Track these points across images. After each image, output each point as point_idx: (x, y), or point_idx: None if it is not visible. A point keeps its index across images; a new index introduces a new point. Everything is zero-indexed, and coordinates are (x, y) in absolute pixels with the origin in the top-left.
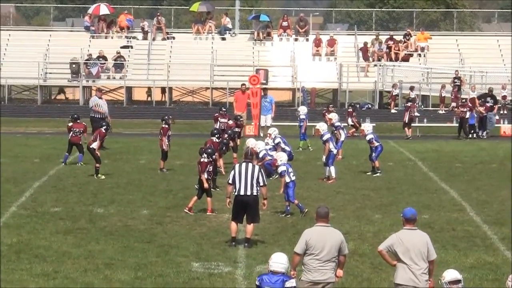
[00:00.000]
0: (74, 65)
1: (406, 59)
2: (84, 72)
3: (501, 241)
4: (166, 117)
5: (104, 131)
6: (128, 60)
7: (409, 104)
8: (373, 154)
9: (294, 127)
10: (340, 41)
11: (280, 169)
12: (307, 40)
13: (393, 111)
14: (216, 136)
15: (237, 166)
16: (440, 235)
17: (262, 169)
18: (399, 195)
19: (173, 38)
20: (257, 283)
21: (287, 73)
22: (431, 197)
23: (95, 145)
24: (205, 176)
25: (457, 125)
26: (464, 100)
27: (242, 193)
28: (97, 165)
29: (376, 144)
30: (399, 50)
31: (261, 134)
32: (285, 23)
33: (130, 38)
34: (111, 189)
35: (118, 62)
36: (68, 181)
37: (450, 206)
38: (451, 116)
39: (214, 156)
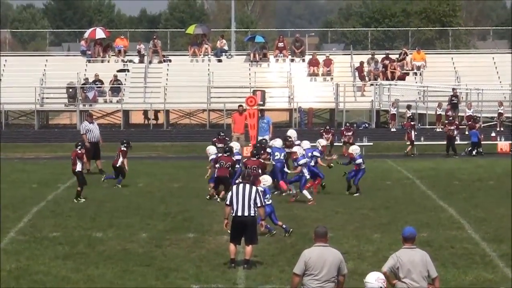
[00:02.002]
0: (70, 90)
1: (402, 78)
2: (80, 96)
3: (500, 258)
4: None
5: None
6: (124, 84)
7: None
8: (357, 177)
9: None
10: (336, 61)
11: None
12: (303, 60)
13: (393, 129)
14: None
15: (234, 187)
16: (439, 253)
17: (259, 191)
18: (397, 214)
19: (170, 60)
20: None
21: (284, 94)
22: (430, 215)
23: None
24: None
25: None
26: (451, 118)
27: (239, 214)
28: (79, 188)
29: (363, 167)
30: (395, 69)
31: None
32: (281, 44)
33: (126, 62)
34: (110, 213)
35: (115, 85)
36: (66, 206)
37: (448, 224)
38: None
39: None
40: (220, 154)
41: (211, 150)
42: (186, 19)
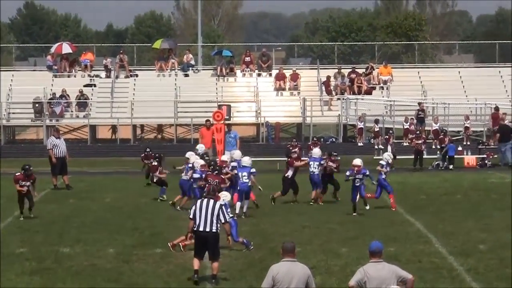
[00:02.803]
0: (37, 105)
1: (369, 92)
2: (47, 111)
3: (467, 272)
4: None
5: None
6: (91, 99)
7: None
8: (362, 188)
9: (260, 162)
10: (303, 75)
11: None
12: (270, 75)
13: (360, 144)
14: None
15: (198, 201)
16: (407, 267)
17: (223, 207)
18: (365, 228)
19: (136, 75)
20: None
21: (251, 108)
22: (397, 230)
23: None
24: None
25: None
26: (418, 132)
27: (201, 229)
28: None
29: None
30: (361, 83)
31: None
32: (247, 58)
33: (93, 77)
34: (77, 228)
35: (82, 100)
36: (33, 222)
37: (416, 238)
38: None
39: None
40: (208, 172)
41: (193, 158)
42: (152, 33)
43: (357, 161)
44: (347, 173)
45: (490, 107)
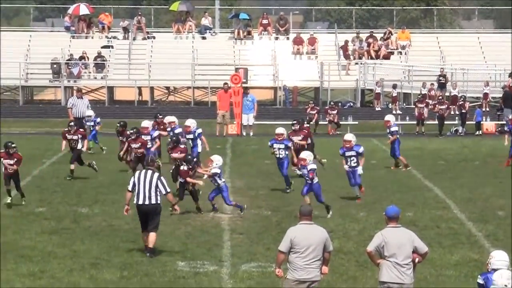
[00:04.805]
0: (55, 66)
1: (387, 57)
2: (65, 73)
3: (486, 238)
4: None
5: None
6: (109, 60)
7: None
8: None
9: (277, 125)
10: (321, 39)
11: (213, 171)
12: (287, 38)
13: (377, 109)
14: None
15: (137, 173)
16: (425, 232)
17: (161, 177)
18: (383, 193)
19: (154, 37)
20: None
21: (268, 72)
22: (415, 195)
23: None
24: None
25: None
26: (440, 98)
27: (140, 202)
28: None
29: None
30: (379, 48)
31: (244, 133)
32: (265, 21)
33: (110, 38)
34: (95, 189)
35: (99, 62)
36: (51, 181)
37: (434, 203)
38: (432, 114)
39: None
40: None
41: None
42: None
43: (348, 136)
44: (340, 152)
45: (510, 73)
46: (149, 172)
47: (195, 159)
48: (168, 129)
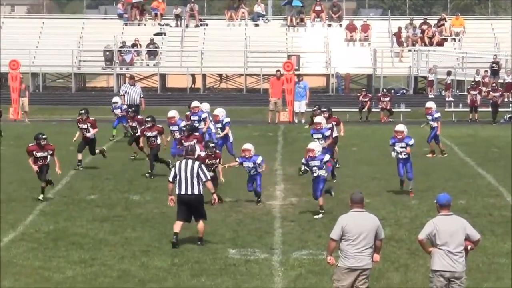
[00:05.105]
0: (107, 53)
1: (440, 44)
2: (117, 60)
3: None
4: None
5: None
6: (161, 47)
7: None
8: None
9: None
10: (374, 26)
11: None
12: (340, 25)
13: (430, 96)
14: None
15: (177, 163)
16: (477, 220)
17: (202, 165)
18: (435, 180)
19: (206, 25)
20: None
21: (321, 59)
22: (468, 183)
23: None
24: None
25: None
26: (494, 85)
27: (183, 192)
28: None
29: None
30: (433, 35)
31: (296, 120)
32: (318, 8)
33: (163, 25)
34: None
35: (152, 49)
36: (103, 169)
37: (487, 191)
38: (486, 101)
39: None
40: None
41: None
42: None
43: (400, 127)
44: (390, 142)
45: None
46: (190, 161)
47: (213, 146)
48: (195, 117)
